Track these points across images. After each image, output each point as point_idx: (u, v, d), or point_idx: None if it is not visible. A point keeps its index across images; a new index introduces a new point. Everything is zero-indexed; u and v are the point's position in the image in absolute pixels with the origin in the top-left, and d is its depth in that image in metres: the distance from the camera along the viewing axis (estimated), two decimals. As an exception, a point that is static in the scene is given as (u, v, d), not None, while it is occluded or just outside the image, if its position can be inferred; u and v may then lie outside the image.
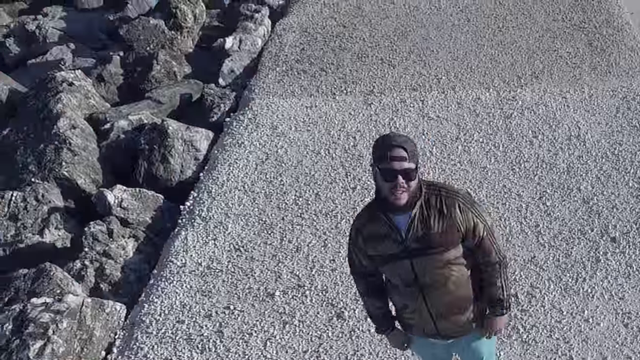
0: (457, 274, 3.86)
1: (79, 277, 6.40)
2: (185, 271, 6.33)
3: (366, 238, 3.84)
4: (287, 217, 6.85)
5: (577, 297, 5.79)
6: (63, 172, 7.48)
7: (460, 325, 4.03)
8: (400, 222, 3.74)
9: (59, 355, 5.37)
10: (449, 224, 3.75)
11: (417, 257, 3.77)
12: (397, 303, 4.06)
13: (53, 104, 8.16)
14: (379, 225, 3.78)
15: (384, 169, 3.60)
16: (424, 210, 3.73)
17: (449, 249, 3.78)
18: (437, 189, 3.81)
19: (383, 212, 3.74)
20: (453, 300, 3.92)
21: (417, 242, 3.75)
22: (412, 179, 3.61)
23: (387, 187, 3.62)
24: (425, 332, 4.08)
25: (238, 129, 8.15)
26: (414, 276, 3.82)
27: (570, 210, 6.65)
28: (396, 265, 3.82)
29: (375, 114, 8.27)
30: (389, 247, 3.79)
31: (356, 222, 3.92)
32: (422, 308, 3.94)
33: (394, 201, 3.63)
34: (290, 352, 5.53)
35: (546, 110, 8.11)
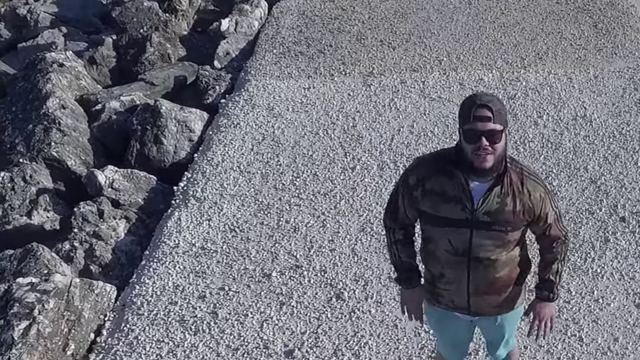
0: (510, 254, 3.63)
1: (67, 259, 6.16)
2: (178, 252, 6.10)
3: (428, 191, 3.54)
4: (285, 197, 6.63)
5: (586, 277, 5.58)
6: (52, 153, 7.25)
7: (493, 305, 3.79)
8: (476, 190, 3.47)
9: (45, 336, 5.14)
10: (526, 206, 3.50)
11: (480, 230, 3.51)
12: (432, 270, 3.77)
13: (42, 84, 7.93)
14: (450, 184, 3.49)
15: (467, 130, 3.34)
16: (505, 185, 3.47)
17: (514, 230, 3.54)
18: (520, 167, 3.56)
19: (463, 173, 3.46)
20: (496, 280, 3.67)
21: (487, 215, 3.49)
22: (497, 142, 3.33)
23: (470, 149, 3.35)
24: (455, 305, 3.82)
25: (234, 110, 7.92)
26: (468, 247, 3.56)
27: (577, 189, 6.45)
28: (453, 232, 3.55)
29: (375, 94, 8.05)
30: (454, 211, 3.51)
31: (420, 169, 3.61)
32: (462, 281, 3.68)
33: (478, 165, 3.36)
34: (287, 334, 5.30)
35: (551, 91, 7.90)
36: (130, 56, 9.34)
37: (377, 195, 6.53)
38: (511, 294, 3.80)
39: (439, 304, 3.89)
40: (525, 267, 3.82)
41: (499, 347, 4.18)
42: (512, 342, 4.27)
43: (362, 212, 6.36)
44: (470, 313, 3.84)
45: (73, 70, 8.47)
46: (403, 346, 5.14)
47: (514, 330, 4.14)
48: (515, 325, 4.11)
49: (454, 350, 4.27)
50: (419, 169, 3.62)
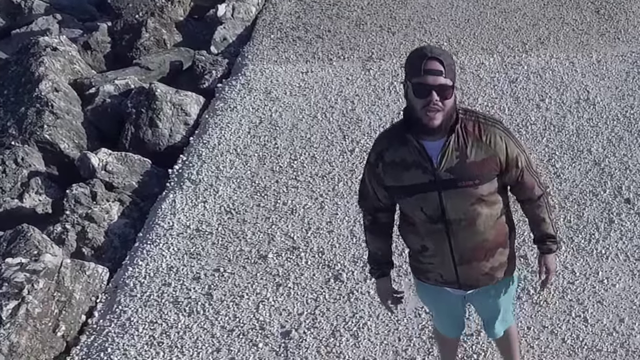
0: (488, 213, 3.45)
1: (59, 241, 6.03)
2: (172, 234, 5.97)
3: (388, 165, 3.40)
4: (282, 179, 6.50)
5: (590, 258, 5.45)
6: (44, 135, 7.11)
7: (482, 272, 3.62)
8: (432, 149, 3.32)
9: (34, 316, 5.00)
10: (488, 153, 3.34)
11: (448, 190, 3.35)
12: (414, 245, 3.63)
13: (35, 67, 7.78)
14: (406, 151, 3.35)
15: (416, 84, 3.18)
16: (461, 137, 3.31)
17: (483, 183, 3.37)
18: (475, 115, 3.40)
19: (413, 136, 3.32)
20: (480, 243, 3.51)
21: (449, 172, 3.33)
22: (447, 97, 3.19)
23: (420, 104, 3.19)
24: (443, 280, 3.66)
25: (230, 94, 7.79)
26: (441, 212, 3.40)
27: (580, 172, 6.31)
28: (422, 198, 3.39)
29: (374, 78, 7.92)
30: (416, 176, 3.36)
31: (377, 146, 3.47)
32: (445, 250, 3.52)
33: (427, 122, 3.21)
34: (284, 315, 5.17)
35: (553, 75, 7.77)
36: (125, 42, 9.19)
37: (376, 177, 6.39)
38: (501, 259, 3.64)
39: (427, 280, 3.75)
40: (511, 228, 3.67)
41: (496, 324, 4.03)
42: (510, 318, 4.12)
43: (360, 194, 6.22)
44: (461, 287, 3.69)
45: (67, 54, 8.33)
46: (403, 327, 5.01)
47: (510, 303, 3.98)
48: (510, 297, 3.94)
49: (450, 326, 4.13)
50: (377, 145, 3.50)
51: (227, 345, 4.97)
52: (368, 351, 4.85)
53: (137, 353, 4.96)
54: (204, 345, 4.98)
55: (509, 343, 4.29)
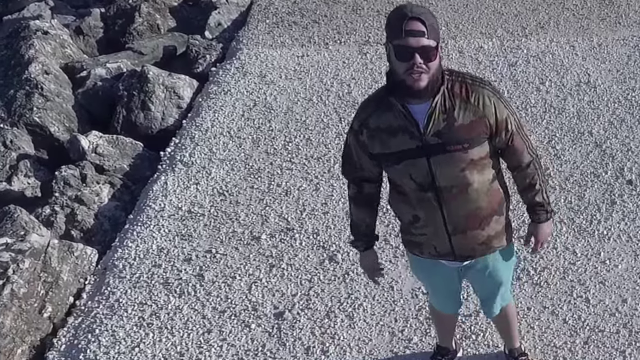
0: (480, 179, 3.31)
1: (47, 223, 5.89)
2: (163, 215, 5.84)
3: (373, 132, 3.26)
4: (276, 161, 6.36)
5: (592, 239, 5.32)
6: (34, 118, 6.97)
7: (478, 242, 3.48)
8: (418, 112, 3.16)
9: (19, 296, 4.86)
10: (477, 115, 3.19)
11: (436, 155, 3.21)
12: (404, 216, 3.49)
13: (25, 50, 7.65)
14: (391, 116, 3.20)
15: (398, 46, 3.02)
16: (447, 99, 3.16)
17: (473, 146, 3.22)
18: (462, 76, 3.24)
19: (398, 99, 3.17)
20: (474, 211, 3.37)
21: (437, 136, 3.19)
22: (431, 59, 3.03)
23: (403, 68, 3.04)
24: (437, 252, 3.52)
25: (224, 78, 7.65)
26: (431, 179, 3.26)
27: (581, 153, 6.19)
28: (410, 165, 3.25)
29: (371, 62, 7.79)
30: (403, 142, 3.22)
31: (360, 113, 3.32)
32: (437, 219, 3.38)
33: (411, 84, 3.05)
34: (277, 296, 5.04)
35: (553, 58, 7.64)
36: (118, 26, 9.05)
37: (373, 159, 6.27)
38: (497, 227, 3.50)
39: (421, 254, 3.62)
40: (506, 194, 3.53)
41: (494, 301, 3.89)
42: (508, 296, 3.99)
43: (356, 176, 6.09)
44: (456, 258, 3.55)
45: (58, 38, 8.20)
46: (399, 307, 4.88)
47: (508, 280, 3.85)
48: (509, 272, 3.80)
49: (446, 301, 3.99)
50: (360, 112, 3.35)
51: (219, 327, 4.83)
52: (363, 332, 4.72)
53: (125, 334, 4.82)
54: (194, 327, 4.85)
55: (508, 322, 4.17)
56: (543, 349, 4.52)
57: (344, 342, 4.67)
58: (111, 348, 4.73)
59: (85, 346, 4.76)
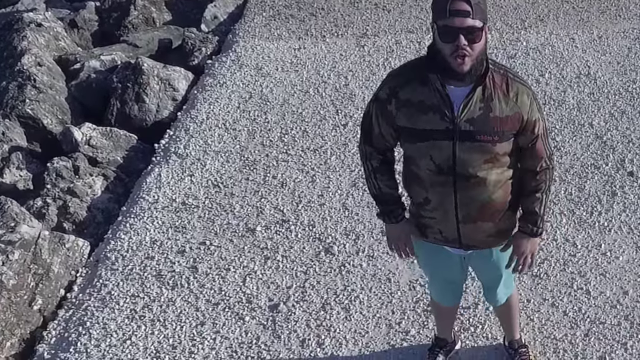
0: (500, 172, 3.24)
1: (39, 216, 5.79)
2: (157, 207, 5.74)
3: (403, 103, 3.14)
4: (272, 153, 6.27)
5: (592, 230, 5.24)
6: (26, 110, 6.86)
7: (487, 234, 3.41)
8: (456, 95, 3.08)
9: (8, 288, 4.77)
10: (513, 111, 3.11)
11: (464, 142, 3.13)
12: (415, 196, 3.39)
13: (17, 42, 7.55)
14: (425, 91, 3.11)
15: (442, 27, 2.94)
16: (488, 88, 3.08)
17: (502, 141, 3.15)
18: (503, 69, 3.17)
19: (439, 77, 3.07)
20: (487, 203, 3.28)
21: (470, 123, 3.10)
22: (476, 41, 2.95)
23: (447, 49, 2.96)
24: (443, 237, 3.44)
25: (220, 70, 7.55)
26: (452, 163, 3.17)
27: (582, 145, 6.11)
28: (434, 146, 3.16)
29: (368, 54, 7.69)
30: (432, 121, 3.12)
31: (391, 80, 3.20)
32: (449, 205, 3.29)
33: (455, 67, 2.97)
34: (272, 288, 4.95)
35: (552, 50, 7.55)
36: (113, 20, 8.95)
37: (370, 151, 6.18)
38: (507, 222, 3.44)
39: (426, 238, 3.53)
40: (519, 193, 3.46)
41: (498, 290, 3.81)
42: (512, 284, 3.91)
43: (353, 168, 6.00)
44: (462, 246, 3.47)
45: (52, 30, 8.10)
46: (397, 300, 4.79)
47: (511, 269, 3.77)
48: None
49: (446, 292, 3.90)
50: (391, 79, 3.24)
51: (212, 319, 4.74)
52: (360, 324, 4.63)
53: (117, 327, 4.73)
54: (187, 319, 4.75)
55: (509, 311, 4.09)
56: (543, 341, 4.43)
57: (340, 334, 4.58)
58: (102, 341, 4.63)
59: (76, 339, 4.67)
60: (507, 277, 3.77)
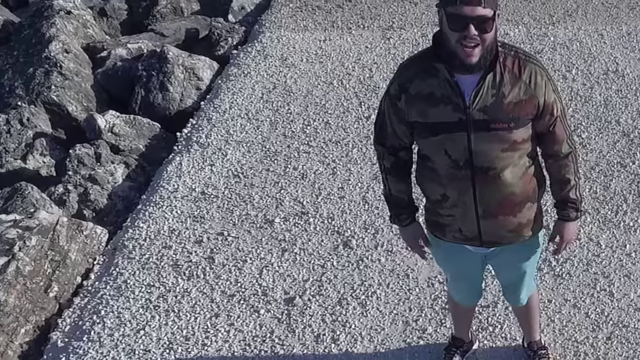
0: (519, 162, 3.02)
1: (60, 202, 5.65)
2: (177, 196, 5.57)
3: (413, 98, 2.95)
4: (294, 144, 6.07)
5: (617, 230, 4.99)
6: (52, 96, 6.73)
7: (508, 228, 3.18)
8: (466, 84, 2.88)
9: (25, 274, 4.62)
10: (527, 94, 2.90)
11: (479, 132, 2.92)
12: (432, 194, 3.18)
13: (46, 29, 7.41)
14: (434, 83, 2.91)
15: (451, 14, 2.74)
16: (498, 74, 2.87)
17: (518, 127, 2.93)
18: (514, 50, 2.94)
19: (446, 67, 2.87)
20: (508, 195, 3.06)
21: (483, 111, 2.89)
22: (487, 31, 2.75)
23: (455, 38, 2.76)
24: (463, 235, 3.22)
25: (245, 60, 7.37)
26: (468, 156, 2.96)
27: (608, 142, 5.84)
28: (448, 139, 2.96)
29: (394, 47, 7.47)
30: (444, 113, 2.92)
31: (400, 76, 3.00)
32: (468, 201, 3.08)
33: (463, 57, 2.77)
34: (289, 281, 4.76)
35: (580, 46, 7.27)
36: (142, 9, 8.79)
37: (392, 144, 5.97)
38: (529, 215, 3.20)
39: (444, 237, 3.31)
40: (541, 182, 3.22)
41: (519, 290, 3.59)
42: (533, 285, 3.68)
43: (375, 161, 5.76)
44: (482, 244, 3.25)
45: (81, 18, 7.95)
46: (414, 296, 4.58)
47: (534, 267, 3.55)
48: (535, 260, 3.51)
49: (466, 292, 3.69)
50: (401, 74, 3.03)
51: (227, 311, 4.56)
52: (376, 320, 4.43)
53: (131, 316, 4.57)
54: (202, 310, 4.58)
55: (530, 313, 3.87)
56: (563, 344, 4.20)
57: (356, 330, 4.38)
58: (116, 330, 4.47)
59: (89, 327, 4.51)
60: (528, 277, 3.56)
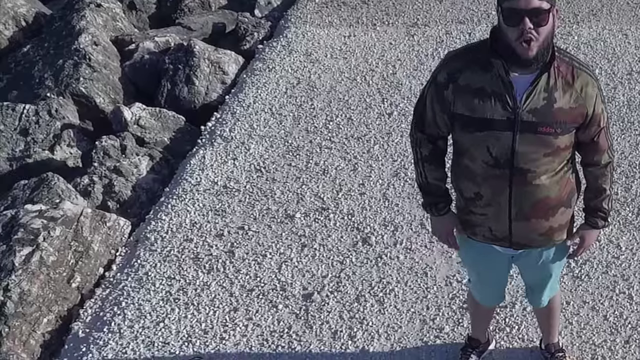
0: (559, 167, 2.94)
1: (85, 193, 5.61)
2: (199, 189, 5.51)
3: (461, 88, 2.85)
4: (316, 140, 5.99)
5: (637, 232, 4.86)
6: (80, 88, 6.69)
7: (539, 232, 3.08)
8: (519, 83, 2.78)
9: (48, 264, 4.58)
10: (577, 102, 2.81)
11: (525, 133, 2.82)
12: (466, 191, 3.07)
13: (77, 21, 7.37)
14: (487, 78, 2.80)
15: (506, 9, 2.65)
16: (552, 77, 2.77)
17: (564, 133, 2.84)
18: (569, 57, 2.85)
19: (503, 63, 2.76)
20: (543, 199, 2.97)
21: (532, 113, 2.80)
22: (543, 24, 2.65)
23: (512, 34, 2.66)
24: (493, 235, 3.12)
25: (270, 55, 7.29)
26: (510, 156, 2.86)
27: (630, 143, 5.71)
28: (492, 137, 2.85)
29: (417, 44, 7.34)
30: (492, 110, 2.82)
31: (449, 65, 2.90)
32: (502, 201, 2.98)
33: (521, 52, 2.67)
34: (307, 276, 4.68)
35: (604, 46, 7.11)
36: (170, 3, 8.74)
37: (414, 141, 5.86)
38: (561, 220, 3.10)
39: (474, 235, 3.20)
40: (576, 188, 3.12)
41: (543, 292, 3.49)
42: (556, 287, 3.57)
43: (396, 157, 5.70)
44: (512, 245, 3.14)
45: (110, 11, 7.91)
46: (432, 295, 4.48)
47: (559, 271, 3.45)
48: (562, 264, 3.41)
49: (489, 293, 3.58)
50: (448, 63, 2.91)
51: (245, 305, 4.50)
52: (393, 318, 4.34)
53: (151, 308, 4.52)
54: (221, 304, 4.52)
55: (551, 314, 3.76)
56: (581, 346, 4.09)
57: (373, 327, 4.29)
58: (136, 322, 4.42)
59: (110, 319, 4.47)
60: (553, 279, 3.46)
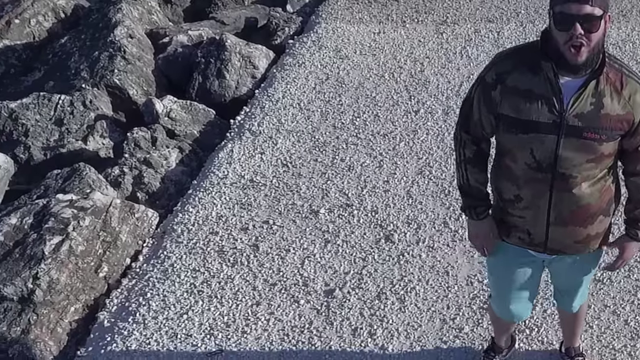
0: (600, 174, 2.84)
1: (115, 184, 5.60)
2: (226, 183, 5.47)
3: (509, 89, 2.76)
4: (342, 136, 5.91)
5: (662, 237, 4.69)
6: (114, 80, 6.68)
7: (576, 239, 2.98)
8: (567, 87, 2.69)
9: (77, 253, 4.57)
10: (625, 109, 2.70)
11: (570, 138, 2.72)
12: (505, 192, 2.97)
13: (113, 14, 7.36)
14: (535, 80, 2.72)
15: (558, 13, 2.55)
16: (601, 83, 2.68)
17: (609, 140, 2.73)
18: (618, 63, 2.74)
19: (553, 66, 2.67)
20: (583, 206, 2.87)
21: (579, 118, 2.70)
22: (594, 30, 2.55)
23: (562, 38, 2.57)
24: (530, 239, 3.01)
25: (300, 50, 7.21)
26: (554, 160, 2.76)
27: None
28: (537, 139, 2.76)
29: (446, 42, 7.22)
30: (539, 112, 2.72)
31: (498, 66, 2.81)
32: (542, 205, 2.88)
33: (570, 57, 2.59)
34: (330, 272, 4.61)
35: (633, 47, 6.94)
36: (205, -4, 8.71)
37: (439, 139, 5.76)
38: (599, 228, 2.98)
39: (509, 238, 3.09)
40: (617, 197, 3.00)
41: (574, 298, 3.38)
42: (587, 293, 3.46)
43: (421, 155, 5.60)
44: (546, 250, 3.03)
45: (146, 4, 7.89)
46: (453, 294, 4.39)
47: (591, 277, 3.32)
48: (594, 271, 3.28)
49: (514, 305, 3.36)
50: (497, 63, 2.82)
51: (268, 300, 4.45)
52: (414, 317, 4.26)
53: (175, 300, 4.48)
54: (244, 298, 4.47)
55: (577, 319, 3.66)
56: (601, 351, 3.98)
57: (393, 325, 4.22)
58: (160, 313, 4.39)
59: (135, 309, 4.44)
60: (585, 286, 3.34)
